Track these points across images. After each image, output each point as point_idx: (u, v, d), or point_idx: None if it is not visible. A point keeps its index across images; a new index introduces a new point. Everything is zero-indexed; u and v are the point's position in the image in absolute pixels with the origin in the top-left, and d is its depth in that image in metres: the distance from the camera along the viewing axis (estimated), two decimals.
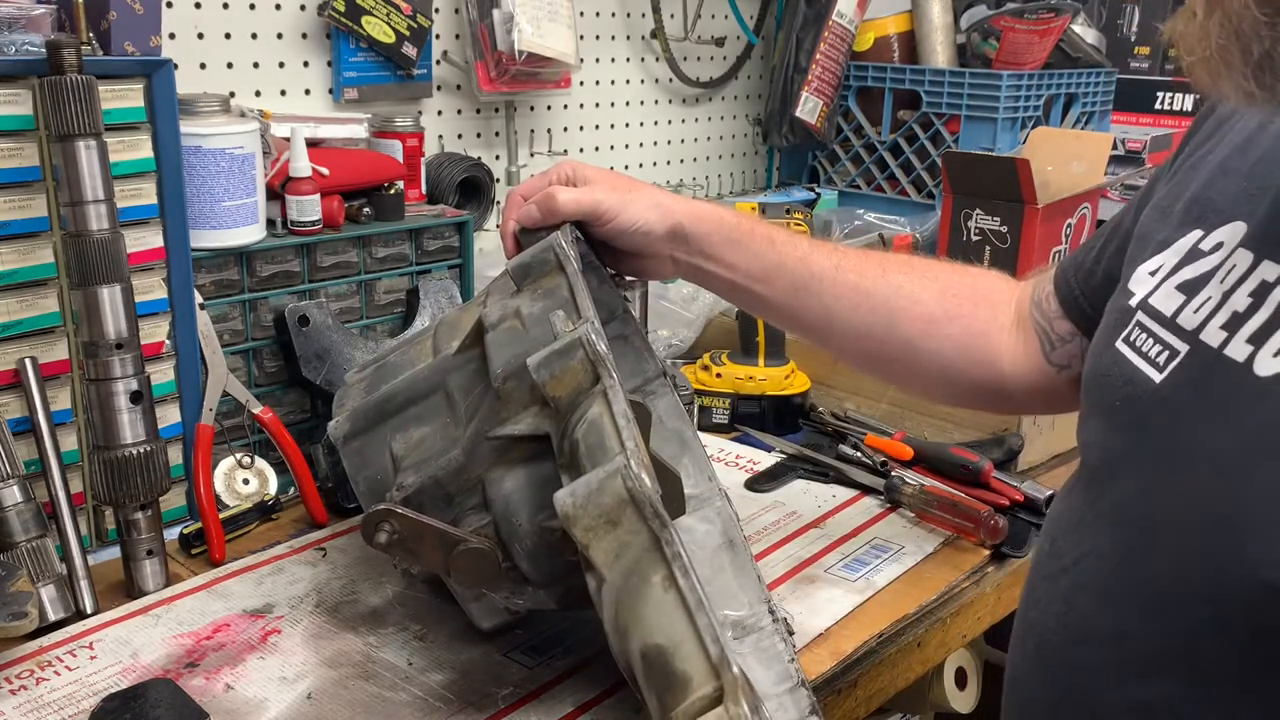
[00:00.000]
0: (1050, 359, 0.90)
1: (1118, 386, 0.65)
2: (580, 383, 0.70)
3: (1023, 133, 1.78)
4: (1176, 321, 0.62)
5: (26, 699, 0.84)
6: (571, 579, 0.74)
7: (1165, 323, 0.63)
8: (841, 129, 1.99)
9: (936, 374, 0.97)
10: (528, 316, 0.79)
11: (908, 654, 0.99)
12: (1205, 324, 0.60)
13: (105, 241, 0.95)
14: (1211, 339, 0.59)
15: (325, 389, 1.19)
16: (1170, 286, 0.64)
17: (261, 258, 1.17)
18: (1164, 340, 0.62)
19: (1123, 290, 0.70)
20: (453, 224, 1.34)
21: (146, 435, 0.99)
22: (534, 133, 1.74)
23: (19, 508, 0.93)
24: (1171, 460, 0.60)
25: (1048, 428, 1.33)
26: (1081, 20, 1.94)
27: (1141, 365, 0.63)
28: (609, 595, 0.61)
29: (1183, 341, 0.61)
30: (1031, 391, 0.94)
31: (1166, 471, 0.60)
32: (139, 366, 0.98)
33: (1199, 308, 0.61)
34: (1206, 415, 0.58)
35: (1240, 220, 0.62)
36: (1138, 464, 0.63)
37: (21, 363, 0.99)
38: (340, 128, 1.37)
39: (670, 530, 0.58)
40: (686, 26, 1.89)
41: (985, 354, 0.93)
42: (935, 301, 0.93)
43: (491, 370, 0.77)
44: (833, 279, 0.93)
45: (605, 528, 0.60)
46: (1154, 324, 0.64)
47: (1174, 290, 0.64)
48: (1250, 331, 0.57)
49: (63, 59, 0.93)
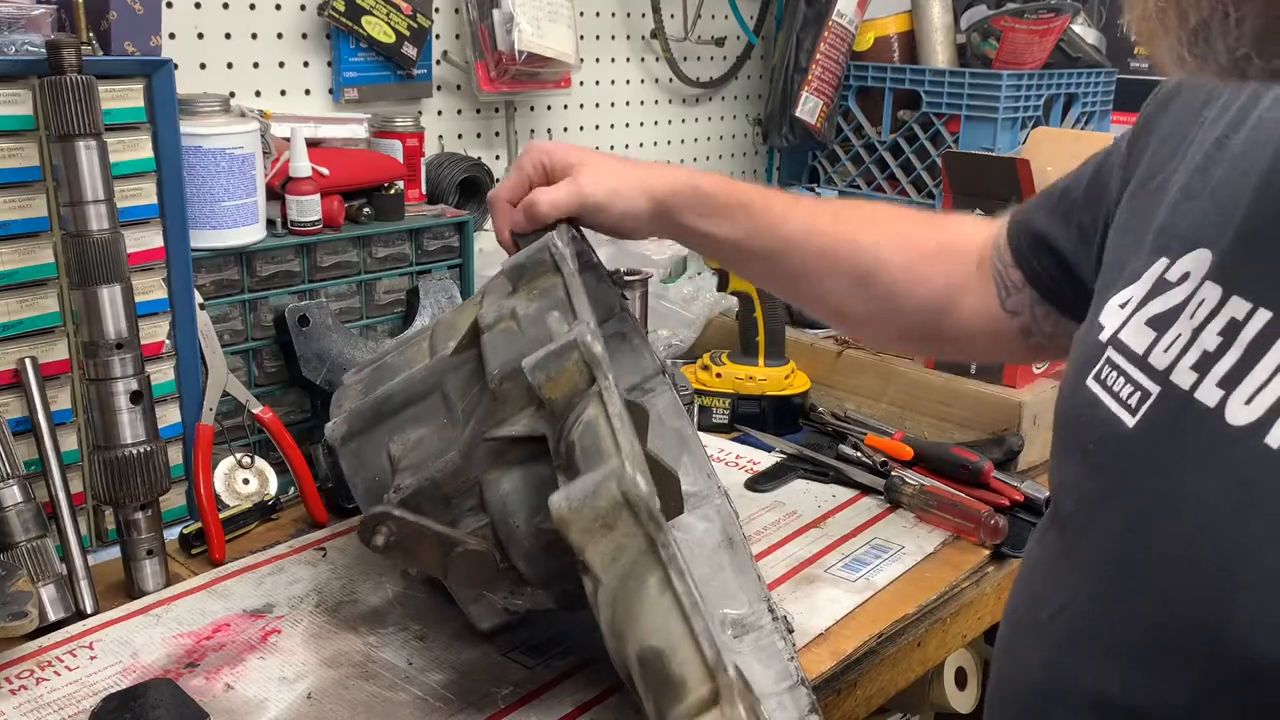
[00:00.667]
0: (1005, 305, 0.92)
1: (1090, 428, 0.63)
2: (576, 384, 0.70)
3: (1023, 133, 1.78)
4: (1148, 360, 0.60)
5: (26, 699, 0.84)
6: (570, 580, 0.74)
7: (1136, 361, 0.61)
8: (841, 129, 1.99)
9: (899, 331, 1.01)
10: (524, 317, 0.79)
11: (908, 654, 0.99)
12: (1175, 364, 0.58)
13: (105, 241, 0.95)
14: (1182, 380, 0.57)
15: (325, 389, 1.19)
16: (1140, 321, 0.63)
17: (261, 258, 1.17)
18: (1135, 380, 0.61)
19: (1092, 323, 0.68)
20: (453, 224, 1.34)
21: (146, 435, 0.99)
22: (534, 133, 1.74)
23: (19, 508, 0.93)
24: (1153, 509, 0.57)
25: (1048, 427, 1.33)
26: (1081, 20, 1.93)
27: (1113, 406, 0.62)
28: (605, 598, 0.61)
29: (1154, 382, 0.59)
30: (984, 337, 0.96)
31: (1145, 520, 0.58)
32: (139, 366, 0.98)
33: (1169, 346, 0.59)
34: (1184, 463, 0.56)
35: (1204, 247, 0.60)
36: (1116, 511, 0.60)
37: (21, 363, 0.99)
38: (340, 128, 1.37)
39: (666, 533, 0.58)
40: (686, 26, 1.89)
41: (947, 307, 0.95)
42: (902, 265, 0.95)
43: (488, 372, 0.77)
44: (802, 244, 0.95)
45: (601, 531, 0.60)
46: (1125, 362, 0.62)
47: (1143, 326, 0.62)
48: (1221, 374, 0.55)
49: (63, 59, 0.93)
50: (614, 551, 0.60)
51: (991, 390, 1.34)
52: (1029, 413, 1.31)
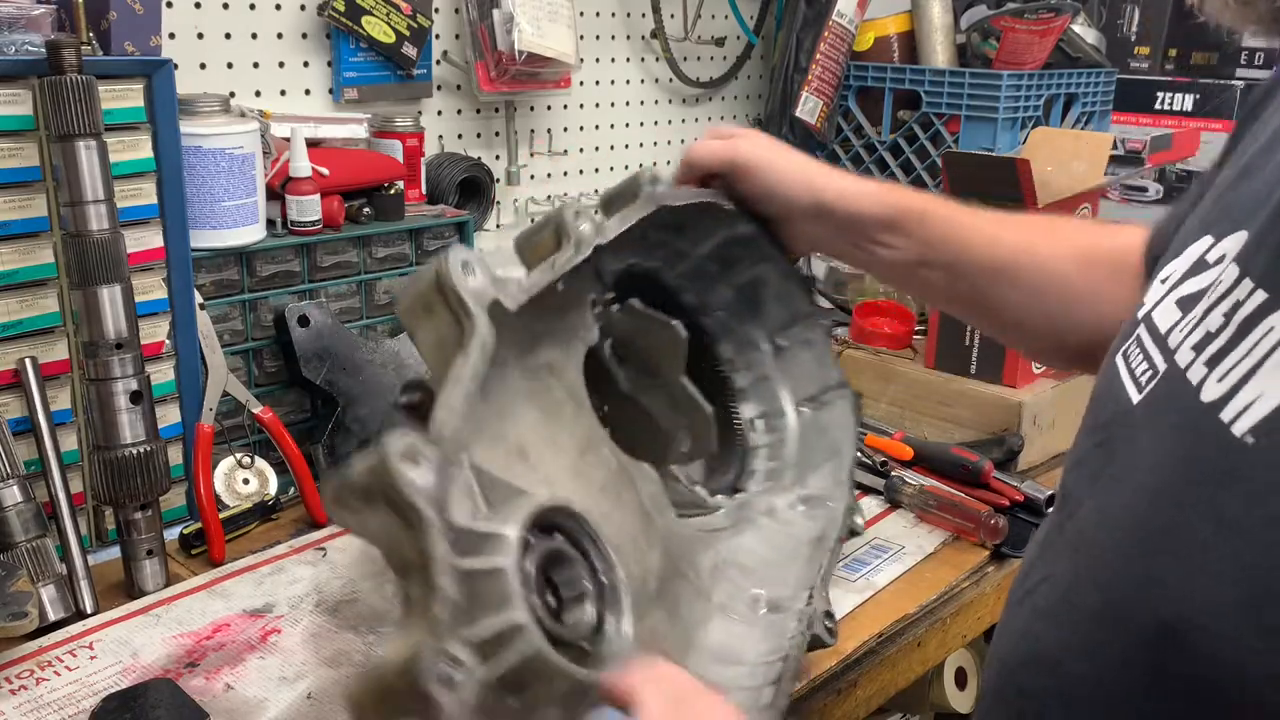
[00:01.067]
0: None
1: (1105, 405, 0.63)
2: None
3: (1023, 133, 1.78)
4: (1166, 340, 0.60)
5: (26, 699, 0.84)
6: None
7: (1157, 339, 0.61)
8: (841, 129, 1.99)
9: (1075, 350, 0.93)
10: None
11: (908, 654, 0.99)
12: (1182, 343, 0.58)
13: (105, 241, 0.95)
14: (1182, 359, 0.57)
15: (325, 389, 1.19)
16: (1171, 301, 0.62)
17: (261, 258, 1.17)
18: (1151, 358, 0.60)
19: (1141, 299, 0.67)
20: (453, 224, 1.34)
21: (146, 435, 0.99)
22: (534, 133, 1.74)
23: (19, 508, 0.93)
24: (1121, 484, 0.58)
25: (1048, 427, 1.34)
26: (1081, 20, 1.93)
27: (1128, 384, 0.61)
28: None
29: (1163, 360, 0.59)
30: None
31: (1115, 496, 0.58)
32: (139, 366, 0.98)
33: (1185, 326, 0.59)
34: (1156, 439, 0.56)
35: (1244, 230, 0.59)
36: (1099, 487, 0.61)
37: (21, 363, 0.99)
38: (340, 128, 1.37)
39: (473, 321, 0.59)
40: (686, 26, 1.89)
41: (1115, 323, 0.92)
42: (1081, 277, 0.90)
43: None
44: (992, 272, 0.89)
45: (422, 313, 0.61)
46: (1149, 340, 0.62)
47: (1173, 305, 0.61)
48: (1211, 353, 0.54)
49: (63, 59, 0.93)
50: (437, 340, 0.60)
51: (991, 390, 1.34)
52: (1029, 413, 1.31)
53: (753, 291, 0.96)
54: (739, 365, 0.97)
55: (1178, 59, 2.27)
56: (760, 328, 0.97)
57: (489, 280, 0.62)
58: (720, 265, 0.94)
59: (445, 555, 0.49)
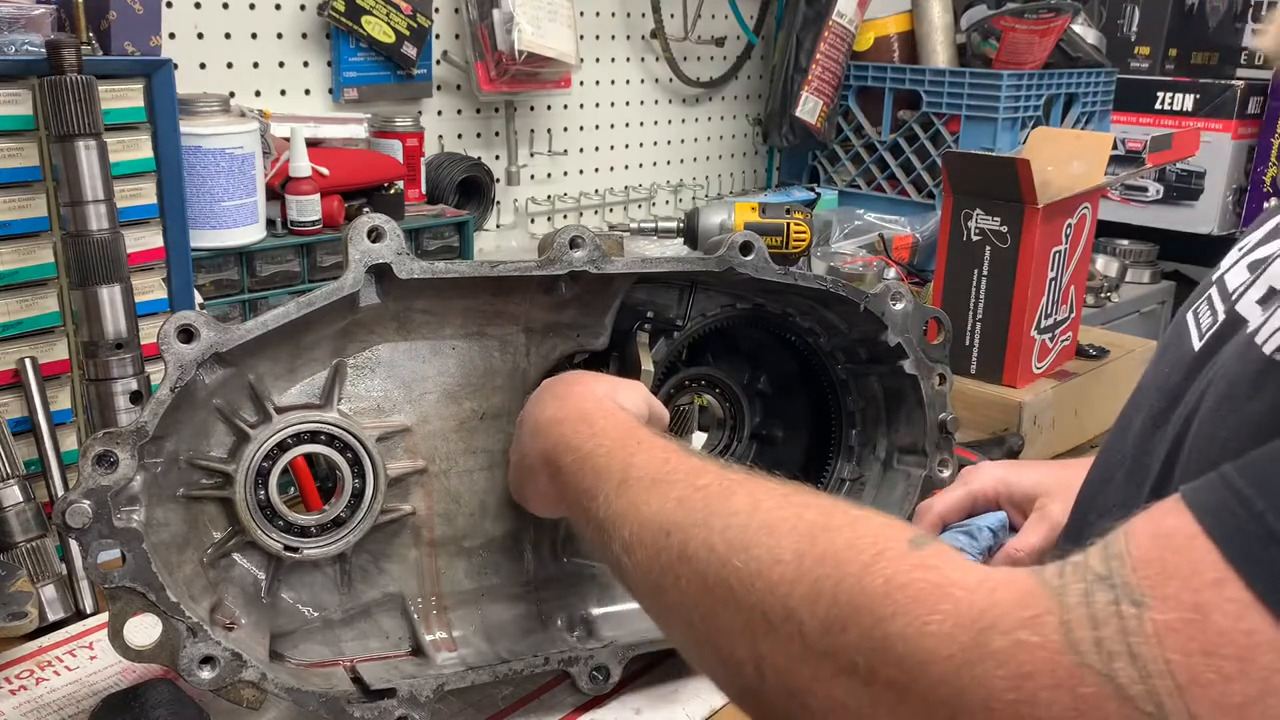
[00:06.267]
0: None
1: (1170, 355, 0.65)
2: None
3: (1023, 133, 1.78)
4: (1231, 295, 0.61)
5: (26, 699, 0.84)
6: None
7: (1225, 297, 0.62)
8: (841, 129, 1.99)
9: None
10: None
11: None
12: (1245, 294, 0.59)
13: (105, 241, 0.95)
14: (1243, 308, 0.58)
15: None
16: (1244, 264, 0.63)
17: (261, 258, 1.17)
18: (1216, 311, 0.61)
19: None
20: (452, 224, 1.34)
21: None
22: (534, 132, 1.74)
23: (19, 508, 0.93)
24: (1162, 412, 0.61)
25: (1048, 427, 1.34)
26: (1081, 20, 1.94)
27: (1193, 335, 0.63)
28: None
29: (1225, 310, 0.60)
30: None
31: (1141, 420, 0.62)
32: (139, 366, 0.98)
33: (1251, 284, 0.59)
34: (1195, 369, 0.58)
35: None
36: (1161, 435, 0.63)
37: (21, 363, 0.98)
38: (340, 128, 1.37)
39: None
40: (686, 26, 1.89)
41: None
42: None
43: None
44: None
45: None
46: (1217, 297, 0.63)
47: (1244, 268, 0.62)
48: (1272, 302, 0.55)
49: (63, 59, 0.93)
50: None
51: (991, 390, 1.34)
52: (1029, 413, 1.31)
53: (891, 399, 1.01)
54: (856, 457, 1.03)
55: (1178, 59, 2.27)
56: (885, 436, 1.01)
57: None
58: (869, 354, 0.99)
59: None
